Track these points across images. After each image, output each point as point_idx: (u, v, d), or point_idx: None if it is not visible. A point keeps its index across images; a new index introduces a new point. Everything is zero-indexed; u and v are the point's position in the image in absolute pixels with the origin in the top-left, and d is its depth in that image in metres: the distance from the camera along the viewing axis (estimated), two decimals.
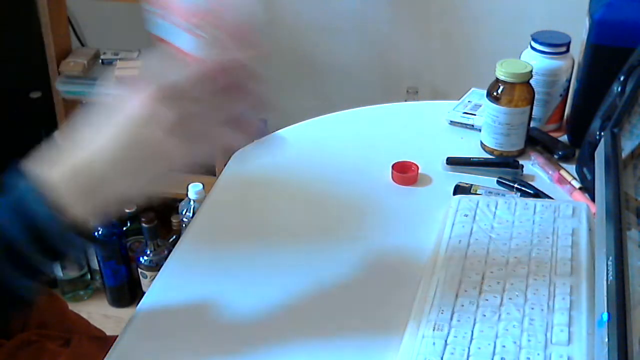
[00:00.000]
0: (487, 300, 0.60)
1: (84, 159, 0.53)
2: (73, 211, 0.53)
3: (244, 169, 0.88)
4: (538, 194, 0.79)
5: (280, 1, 1.92)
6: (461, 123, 0.94)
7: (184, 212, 1.66)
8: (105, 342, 0.78)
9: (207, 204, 0.79)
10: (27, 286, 0.55)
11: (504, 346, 0.55)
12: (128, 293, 1.72)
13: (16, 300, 0.56)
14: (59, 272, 1.68)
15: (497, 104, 0.85)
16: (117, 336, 0.62)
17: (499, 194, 0.78)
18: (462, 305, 0.59)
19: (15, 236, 0.52)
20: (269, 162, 0.88)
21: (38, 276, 0.55)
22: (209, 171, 1.93)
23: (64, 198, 0.53)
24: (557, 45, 0.87)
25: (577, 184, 0.81)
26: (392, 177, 0.82)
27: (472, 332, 0.56)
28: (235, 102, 0.55)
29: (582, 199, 0.78)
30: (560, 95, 0.90)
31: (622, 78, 0.74)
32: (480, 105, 0.96)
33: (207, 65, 0.53)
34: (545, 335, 0.56)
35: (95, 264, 1.71)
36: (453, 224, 0.70)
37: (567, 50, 0.88)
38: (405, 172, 0.82)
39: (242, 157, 0.90)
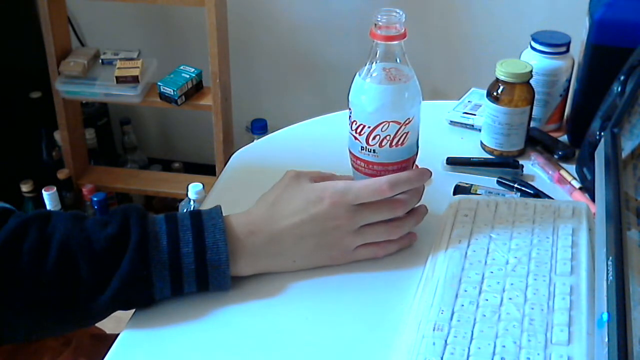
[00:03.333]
0: (487, 300, 0.60)
1: (275, 230, 0.64)
2: (241, 263, 0.64)
3: (244, 169, 0.88)
4: (538, 194, 0.79)
5: (280, 1, 1.93)
6: (461, 123, 0.94)
7: (184, 212, 1.66)
8: (106, 340, 0.78)
9: (207, 204, 0.78)
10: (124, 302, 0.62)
11: (504, 346, 0.55)
12: None
13: (98, 311, 0.61)
14: None
15: (497, 104, 0.85)
16: (117, 334, 0.62)
17: (499, 194, 0.78)
18: (462, 305, 0.59)
19: (182, 250, 0.61)
20: (269, 162, 0.88)
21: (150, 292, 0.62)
22: (209, 171, 1.93)
23: (243, 249, 0.63)
24: (557, 45, 0.88)
25: (577, 184, 0.81)
26: None
27: (472, 332, 0.56)
28: (397, 212, 0.66)
29: (582, 199, 0.78)
30: (560, 95, 0.90)
31: (622, 78, 0.75)
32: (480, 105, 0.96)
33: (382, 180, 0.65)
34: (545, 335, 0.56)
35: None
36: (453, 224, 0.70)
37: (567, 50, 0.88)
38: None
39: (242, 157, 0.90)
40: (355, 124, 0.67)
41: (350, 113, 0.68)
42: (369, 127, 0.66)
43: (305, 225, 0.64)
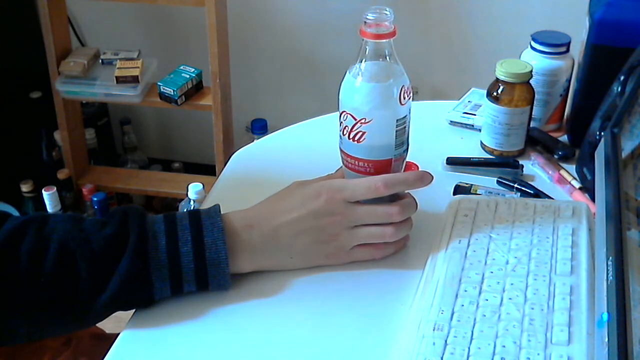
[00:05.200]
0: (487, 300, 0.60)
1: (272, 225, 0.64)
2: (240, 259, 0.64)
3: (244, 169, 0.88)
4: (538, 194, 0.79)
5: (280, 1, 1.93)
6: (461, 123, 0.94)
7: (183, 212, 1.66)
8: (106, 339, 0.78)
9: (207, 204, 0.78)
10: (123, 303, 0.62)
11: (504, 346, 0.55)
12: None
13: (98, 312, 0.61)
14: None
15: (497, 104, 0.85)
16: (118, 334, 0.62)
17: (499, 194, 0.78)
18: (462, 305, 0.59)
19: (180, 249, 0.61)
20: (269, 162, 0.88)
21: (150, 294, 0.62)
22: (209, 171, 1.93)
23: (241, 245, 0.64)
24: (557, 45, 0.88)
25: (577, 184, 0.81)
26: None
27: (472, 332, 0.56)
28: (393, 217, 0.66)
29: (582, 199, 0.78)
30: (560, 95, 0.90)
31: (622, 78, 0.75)
32: (480, 105, 0.96)
33: (377, 179, 0.65)
34: (545, 335, 0.56)
35: None
36: (453, 224, 0.70)
37: (567, 50, 0.88)
38: None
39: (242, 157, 0.90)
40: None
41: None
42: (338, 111, 0.68)
43: (301, 221, 0.64)
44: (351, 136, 0.66)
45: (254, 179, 0.85)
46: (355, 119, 0.65)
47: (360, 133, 0.66)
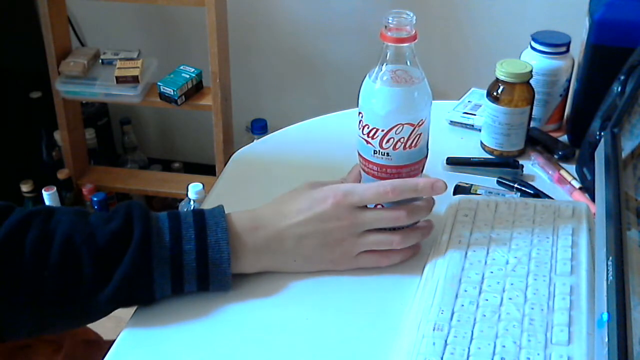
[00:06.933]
0: (487, 300, 0.60)
1: (278, 227, 0.64)
2: (244, 259, 0.64)
3: (244, 169, 0.88)
4: (538, 194, 0.79)
5: (280, 1, 1.93)
6: (461, 123, 0.94)
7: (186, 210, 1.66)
8: (100, 346, 0.78)
9: (207, 204, 0.79)
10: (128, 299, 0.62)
11: (504, 346, 0.55)
12: None
13: (101, 308, 0.61)
14: None
15: (497, 104, 0.85)
16: (113, 341, 0.61)
17: (499, 194, 0.78)
18: (462, 305, 0.59)
19: (182, 248, 0.61)
20: (269, 162, 0.88)
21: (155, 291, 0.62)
22: (209, 171, 1.93)
23: (245, 245, 0.64)
24: (557, 45, 0.88)
25: (577, 184, 0.81)
26: None
27: (472, 332, 0.56)
28: (401, 221, 0.65)
29: (582, 199, 0.78)
30: (560, 95, 0.90)
31: (622, 78, 0.75)
32: (480, 105, 0.96)
33: (386, 184, 0.65)
34: (545, 335, 0.56)
35: None
36: (453, 224, 0.70)
37: (567, 50, 0.88)
38: None
39: (242, 157, 0.90)
40: (368, 128, 0.65)
41: (361, 117, 0.66)
42: (382, 130, 0.65)
43: (307, 224, 0.64)
44: (408, 145, 0.65)
45: (254, 179, 0.85)
46: (413, 125, 0.65)
47: (418, 136, 0.66)
